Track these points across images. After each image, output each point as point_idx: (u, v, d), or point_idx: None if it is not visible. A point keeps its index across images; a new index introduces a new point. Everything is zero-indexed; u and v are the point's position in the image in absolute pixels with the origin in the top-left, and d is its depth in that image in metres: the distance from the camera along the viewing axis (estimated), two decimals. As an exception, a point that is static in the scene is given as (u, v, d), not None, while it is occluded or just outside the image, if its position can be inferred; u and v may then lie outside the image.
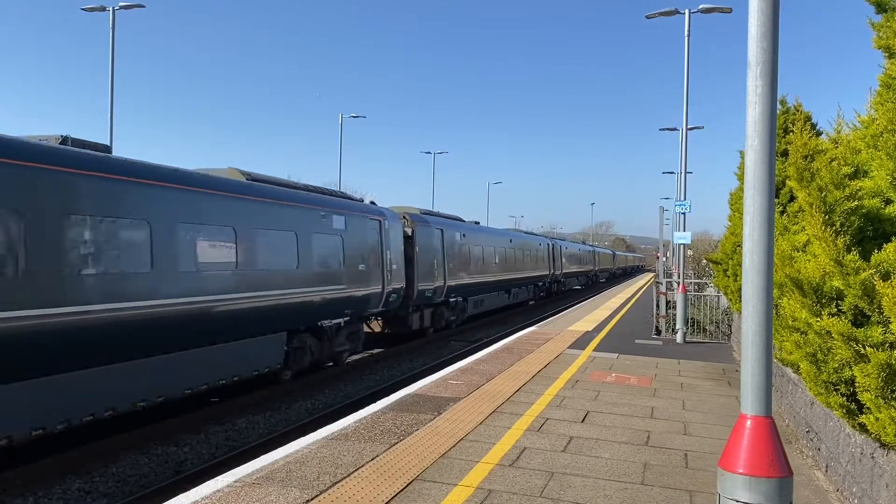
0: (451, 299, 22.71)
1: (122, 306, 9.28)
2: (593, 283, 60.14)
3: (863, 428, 4.69)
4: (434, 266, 20.97)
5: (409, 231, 19.45)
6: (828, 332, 4.84)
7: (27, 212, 8.03)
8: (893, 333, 4.23)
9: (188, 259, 10.55)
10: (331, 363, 15.61)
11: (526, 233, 42.42)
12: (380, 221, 17.26)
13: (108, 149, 10.27)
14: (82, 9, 24.11)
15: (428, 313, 21.09)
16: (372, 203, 18.38)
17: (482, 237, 26.85)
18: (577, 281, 51.65)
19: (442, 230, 21.91)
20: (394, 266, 17.79)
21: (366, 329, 17.83)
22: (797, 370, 6.57)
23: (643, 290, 40.70)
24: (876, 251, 4.60)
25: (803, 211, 5.80)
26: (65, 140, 9.49)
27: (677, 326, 16.15)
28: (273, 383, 13.46)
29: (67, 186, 8.67)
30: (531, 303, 36.08)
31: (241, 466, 6.08)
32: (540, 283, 37.32)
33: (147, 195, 9.87)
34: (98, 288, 8.93)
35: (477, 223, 29.54)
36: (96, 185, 9.12)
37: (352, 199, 17.49)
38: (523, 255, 32.91)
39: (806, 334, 5.47)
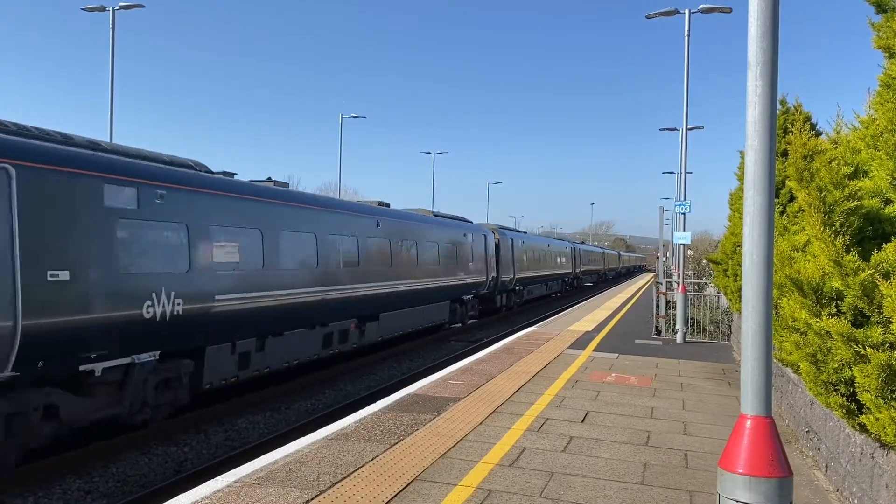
0: (517, 287, 31.88)
1: (417, 281, 19.47)
2: (602, 279, 68.27)
3: (863, 428, 4.69)
4: (509, 264, 29.86)
5: (496, 240, 28.31)
6: (827, 332, 4.84)
7: (417, 240, 19.55)
8: (893, 334, 4.23)
9: (438, 260, 21.46)
10: (460, 323, 24.61)
11: (557, 239, 54.44)
12: (485, 235, 26.89)
13: (388, 204, 19.96)
14: (82, 9, 24.12)
15: (504, 296, 30.32)
16: (468, 220, 27.96)
17: (533, 243, 36.47)
18: (591, 278, 60.69)
19: (511, 240, 30.85)
20: (491, 263, 27.26)
21: None
22: (797, 370, 6.57)
23: (643, 289, 40.74)
24: (876, 251, 4.60)
25: (803, 211, 5.80)
26: (382, 203, 19.55)
27: (677, 326, 16.15)
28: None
29: (410, 229, 19.34)
30: (558, 294, 44.30)
31: (241, 466, 6.08)
32: (566, 279, 46.58)
33: (416, 229, 19.89)
34: (421, 273, 19.69)
35: (525, 232, 40.74)
36: (420, 227, 20.33)
37: (471, 223, 27.52)
38: (556, 257, 42.37)
39: (806, 334, 5.47)
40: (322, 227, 14.33)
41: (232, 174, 12.93)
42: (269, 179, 14.44)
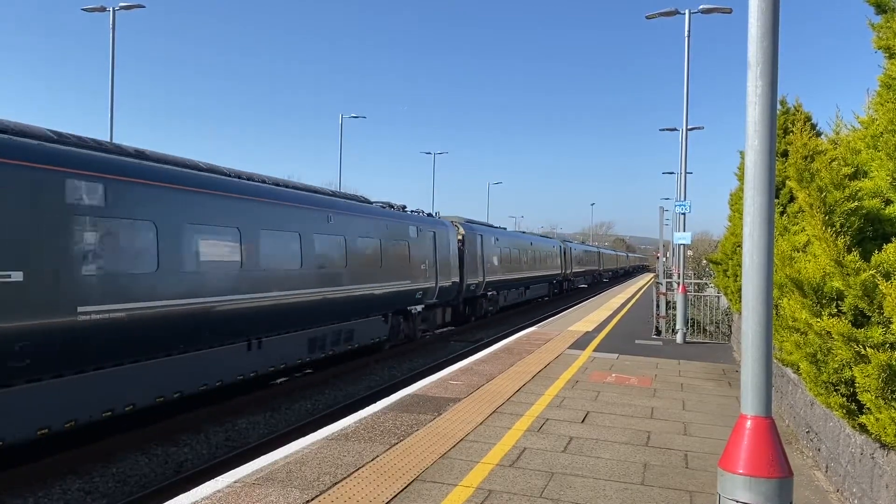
0: (571, 278, 50.24)
1: (539, 271, 38.27)
2: (615, 276, 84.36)
3: (863, 428, 4.69)
4: (570, 263, 48.72)
5: (563, 247, 46.68)
6: (828, 332, 4.84)
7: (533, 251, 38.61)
8: (894, 334, 4.22)
9: (546, 260, 40.55)
10: (548, 296, 41.75)
11: (590, 245, 76.12)
12: (560, 245, 45.16)
13: (499, 227, 36.76)
14: (82, 9, 24.12)
15: (567, 282, 48.46)
16: (551, 238, 53.48)
17: (578, 250, 56.31)
18: (606, 275, 77.23)
19: (571, 248, 50.60)
20: (561, 262, 44.84)
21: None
22: (797, 370, 6.57)
23: (643, 290, 40.76)
24: (876, 252, 4.59)
25: (803, 211, 5.80)
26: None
27: (677, 327, 16.13)
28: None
29: (537, 244, 39.46)
30: (589, 283, 61.95)
31: (241, 466, 6.08)
32: (594, 274, 65.54)
33: (537, 244, 39.37)
34: (541, 267, 39.15)
35: (572, 242, 61.49)
36: (540, 242, 41.60)
37: (553, 238, 52.04)
38: (588, 258, 61.75)
39: (806, 335, 5.46)
40: (525, 247, 34.41)
41: (524, 231, 44.11)
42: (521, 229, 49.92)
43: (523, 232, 42.61)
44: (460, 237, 24.35)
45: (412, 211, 21.23)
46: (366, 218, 16.47)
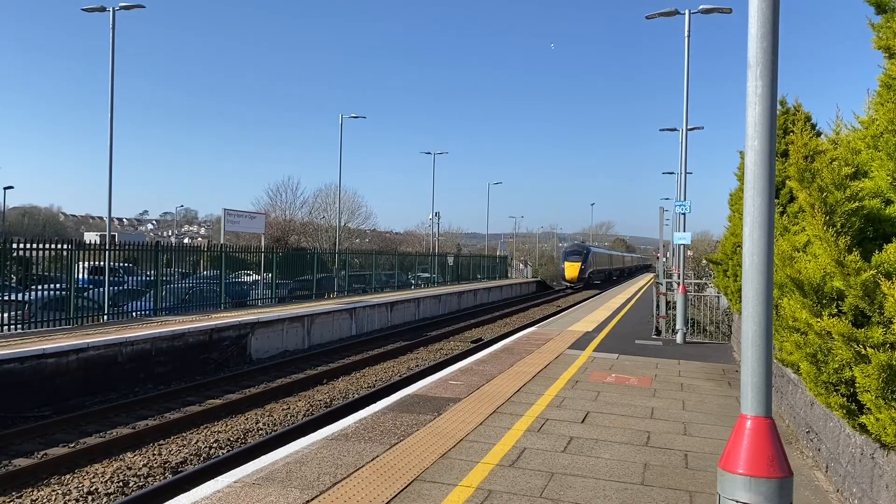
0: (627, 273, 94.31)
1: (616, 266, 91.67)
2: (624, 273, 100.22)
3: (863, 428, 4.68)
4: (628, 263, 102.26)
5: (625, 255, 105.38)
6: (828, 332, 4.83)
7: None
8: (894, 334, 4.22)
9: (622, 260, 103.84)
10: (615, 278, 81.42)
11: (609, 250, 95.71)
12: (623, 252, 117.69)
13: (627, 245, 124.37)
14: (82, 9, 24.09)
15: (626, 272, 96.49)
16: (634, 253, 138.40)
17: (624, 256, 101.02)
18: (622, 272, 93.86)
19: (628, 256, 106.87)
20: (629, 264, 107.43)
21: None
22: (797, 370, 6.56)
23: (643, 290, 40.76)
24: (876, 252, 4.59)
25: (803, 211, 5.79)
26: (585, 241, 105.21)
27: (677, 327, 16.13)
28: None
29: (617, 255, 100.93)
30: (628, 273, 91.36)
31: (241, 466, 6.08)
32: (618, 271, 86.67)
33: (616, 255, 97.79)
34: (618, 263, 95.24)
35: (604, 247, 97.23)
36: (617, 254, 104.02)
37: (635, 253, 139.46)
38: (611, 259, 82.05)
39: (806, 335, 5.46)
40: (615, 256, 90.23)
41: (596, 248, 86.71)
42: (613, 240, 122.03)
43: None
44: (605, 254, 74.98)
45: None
46: (620, 253, 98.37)
